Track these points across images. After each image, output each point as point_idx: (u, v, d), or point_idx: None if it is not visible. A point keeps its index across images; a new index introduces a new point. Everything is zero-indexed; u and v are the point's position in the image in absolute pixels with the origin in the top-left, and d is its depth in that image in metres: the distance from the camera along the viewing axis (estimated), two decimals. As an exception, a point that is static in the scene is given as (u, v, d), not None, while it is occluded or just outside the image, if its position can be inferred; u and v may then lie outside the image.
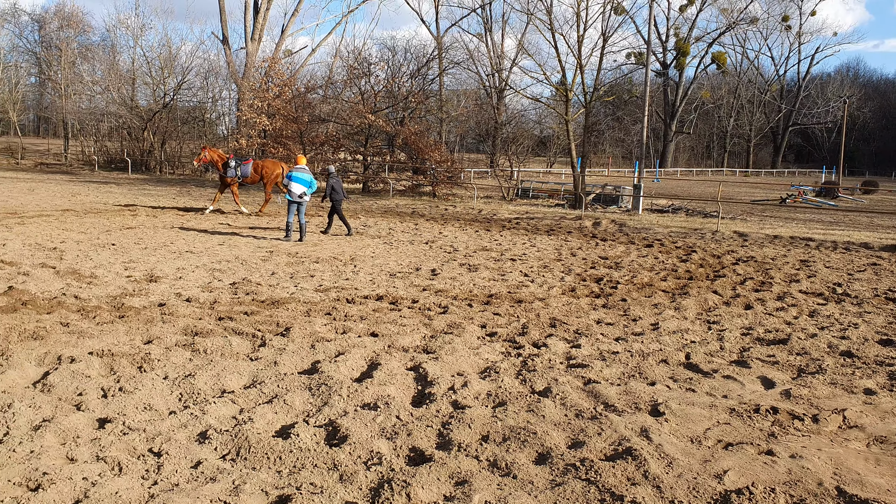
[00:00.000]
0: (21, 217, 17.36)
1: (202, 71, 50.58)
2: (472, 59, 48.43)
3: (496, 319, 8.75)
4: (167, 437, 4.88)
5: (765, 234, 18.84)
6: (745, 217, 24.83)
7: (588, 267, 13.18)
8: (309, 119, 35.83)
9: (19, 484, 4.16)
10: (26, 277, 10.19)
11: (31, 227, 15.58)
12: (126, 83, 49.36)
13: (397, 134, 33.92)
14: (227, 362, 6.52)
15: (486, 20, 52.04)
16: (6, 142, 59.17)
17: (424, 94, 39.63)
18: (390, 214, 22.90)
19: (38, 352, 6.56)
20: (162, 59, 49.19)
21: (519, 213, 24.45)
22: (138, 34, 53.04)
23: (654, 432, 5.13)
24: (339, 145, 35.45)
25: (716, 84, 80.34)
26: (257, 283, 10.57)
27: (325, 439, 4.98)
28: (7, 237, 13.94)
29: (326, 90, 40.23)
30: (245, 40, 47.63)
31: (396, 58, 39.20)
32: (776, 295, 10.73)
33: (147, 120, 45.40)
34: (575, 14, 28.22)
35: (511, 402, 5.74)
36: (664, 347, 7.59)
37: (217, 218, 19.63)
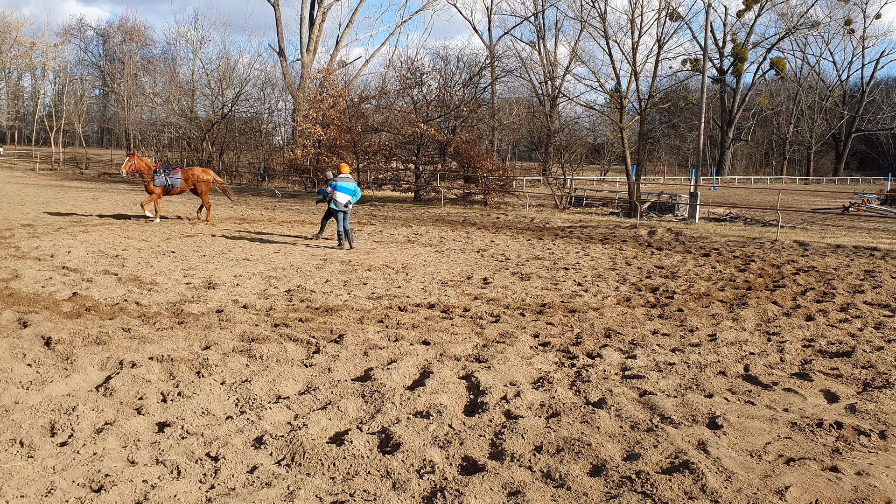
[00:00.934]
0: (85, 225, 17.93)
1: (259, 82, 51.70)
2: (525, 67, 48.34)
3: (549, 329, 8.68)
4: (224, 441, 4.96)
5: (827, 243, 18.31)
6: (806, 226, 24.18)
7: (643, 276, 12.99)
8: (362, 129, 36.25)
9: (83, 485, 4.28)
10: (90, 284, 10.51)
11: (94, 235, 16.08)
12: (186, 95, 50.70)
13: (449, 143, 34.04)
14: (282, 368, 6.60)
15: (539, 28, 51.97)
16: (72, 152, 61.29)
17: (476, 102, 39.71)
18: (442, 223, 22.96)
19: (101, 356, 6.75)
20: (220, 71, 50.41)
21: (572, 221, 24.26)
22: (198, 47, 54.49)
23: (711, 445, 5.01)
24: (392, 154, 35.76)
25: (774, 90, 78.51)
26: (311, 291, 10.70)
27: (378, 446, 5.00)
28: (72, 245, 14.41)
29: (379, 100, 40.63)
30: (301, 52, 48.52)
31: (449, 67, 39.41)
32: (839, 306, 10.40)
33: (206, 131, 46.53)
34: (629, 21, 27.97)
35: (565, 412, 5.68)
36: (722, 359, 7.42)
37: (272, 227, 19.95)
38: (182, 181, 19.75)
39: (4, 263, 11.79)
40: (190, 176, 20.05)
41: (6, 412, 5.27)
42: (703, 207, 28.07)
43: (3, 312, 8.30)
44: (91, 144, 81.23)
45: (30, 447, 4.76)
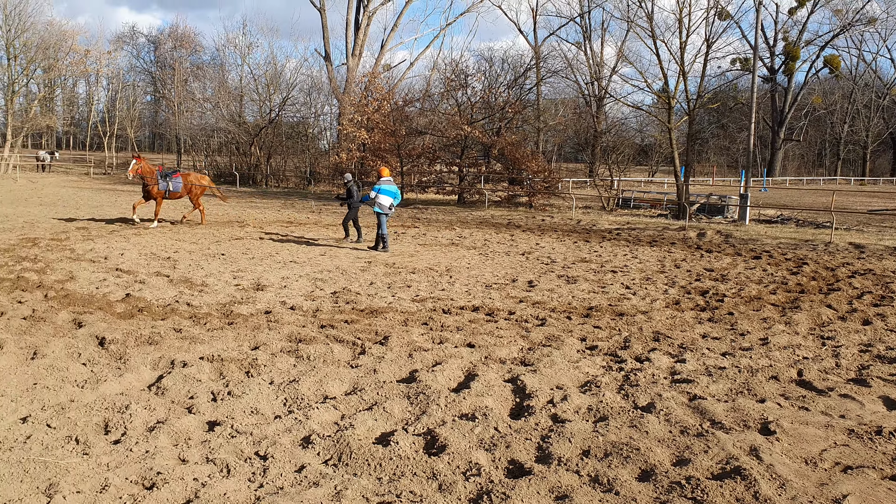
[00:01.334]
0: (138, 228, 18.35)
1: (305, 87, 52.35)
2: (571, 68, 48.06)
3: (596, 332, 8.59)
4: (273, 440, 5.01)
5: (884, 245, 17.77)
6: (862, 228, 23.50)
7: (693, 279, 12.77)
8: (406, 132, 36.40)
9: (135, 482, 4.36)
10: (142, 285, 10.75)
11: (146, 238, 16.44)
12: (234, 100, 51.61)
13: (493, 144, 33.98)
14: (328, 369, 6.65)
15: (585, 28, 51.60)
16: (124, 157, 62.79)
17: (521, 103, 39.57)
18: (486, 225, 22.92)
19: (153, 356, 6.89)
20: (268, 77, 51.18)
21: (619, 223, 24.00)
22: (246, 53, 55.45)
23: (764, 452, 4.89)
24: (435, 157, 35.86)
25: (828, 89, 76.53)
26: (356, 293, 10.77)
27: (424, 448, 5.00)
28: (125, 247, 14.76)
29: (423, 103, 40.78)
30: (346, 56, 48.96)
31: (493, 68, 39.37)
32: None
33: (254, 135, 47.28)
34: (677, 20, 27.57)
35: (613, 416, 5.60)
36: (774, 363, 7.24)
37: (318, 230, 20.16)
38: (182, 186, 19.67)
39: (60, 265, 12.13)
40: (189, 181, 20.09)
41: (62, 410, 5.42)
42: (753, 209, 27.51)
43: (59, 313, 8.53)
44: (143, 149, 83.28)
45: (85, 444, 4.88)
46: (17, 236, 15.77)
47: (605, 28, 53.65)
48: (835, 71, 68.40)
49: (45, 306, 8.94)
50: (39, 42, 49.96)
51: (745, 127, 41.59)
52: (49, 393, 5.74)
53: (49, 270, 11.57)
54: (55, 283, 10.59)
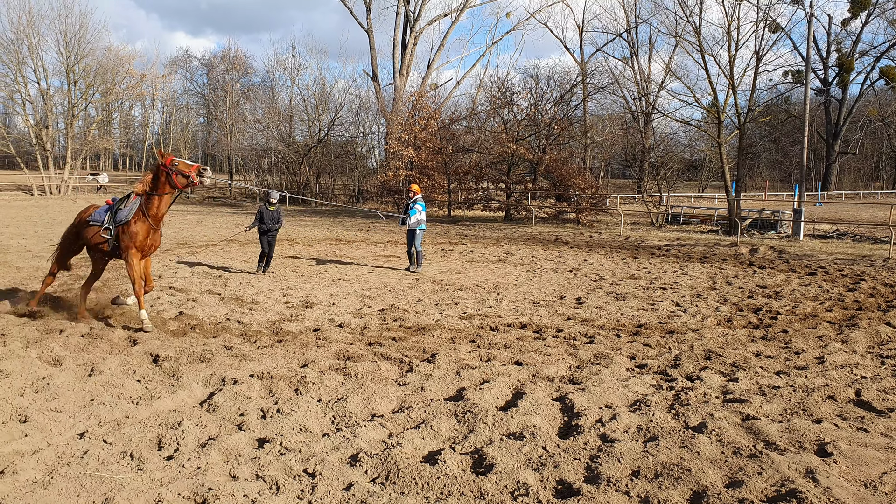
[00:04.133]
0: (191, 247, 18.76)
1: (353, 107, 52.96)
2: (618, 84, 47.77)
3: (646, 350, 8.47)
4: (321, 458, 5.05)
5: (946, 260, 17.17)
6: (923, 242, 22.73)
7: (745, 296, 12.51)
8: (453, 150, 36.57)
9: (187, 497, 4.43)
10: (194, 303, 10.97)
11: (199, 256, 16.79)
12: (284, 120, 52.52)
13: (540, 161, 33.93)
14: (376, 387, 6.68)
15: (632, 44, 51.31)
16: (179, 178, 64.21)
17: (568, 120, 39.44)
18: (533, 242, 22.83)
19: (205, 373, 7.02)
20: (317, 97, 51.99)
21: (669, 239, 23.67)
22: (295, 74, 56.48)
23: (821, 474, 4.75)
24: (482, 174, 35.94)
25: (884, 101, 74.42)
26: (404, 310, 10.82)
27: (472, 467, 4.98)
28: (178, 266, 15.09)
29: (470, 121, 40.94)
30: (393, 76, 49.51)
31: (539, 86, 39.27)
32: (962, 328, 9.71)
33: (303, 155, 48.05)
34: (725, 34, 27.24)
35: (663, 436, 5.51)
36: (831, 383, 7.03)
37: (366, 248, 20.33)
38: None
39: (116, 284, 12.45)
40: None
41: (118, 426, 5.55)
42: (807, 224, 26.88)
43: (115, 331, 8.75)
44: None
45: (139, 460, 4.98)
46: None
47: (652, 43, 53.28)
48: (891, 82, 66.50)
49: (101, 324, 9.18)
50: (98, 67, 51.69)
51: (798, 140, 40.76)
52: (105, 409, 5.89)
53: (106, 289, 11.89)
54: (111, 301, 10.86)
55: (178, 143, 71.86)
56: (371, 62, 49.98)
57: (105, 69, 52.94)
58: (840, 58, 63.36)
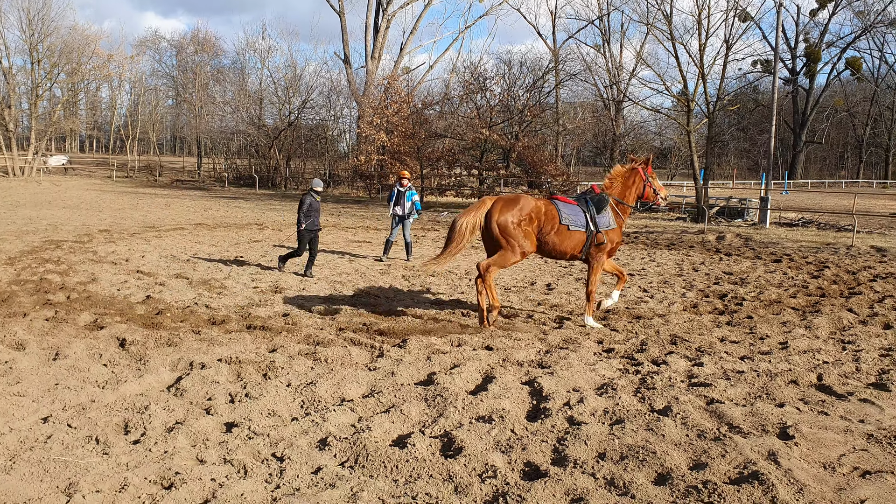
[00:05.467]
0: (158, 230, 18.54)
1: (325, 90, 52.57)
2: (590, 71, 47.93)
3: (613, 335, 8.57)
4: (290, 442, 5.05)
5: (907, 249, 17.55)
6: (884, 231, 23.22)
7: (711, 283, 12.69)
8: (425, 135, 36.47)
9: (154, 482, 4.41)
10: (162, 287, 10.86)
11: (167, 240, 16.61)
12: (254, 103, 51.96)
13: (512, 148, 33.98)
14: (346, 371, 6.69)
15: (604, 32, 51.41)
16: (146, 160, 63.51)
17: (540, 107, 39.51)
18: (505, 228, 22.87)
19: (172, 357, 6.96)
20: (287, 80, 51.49)
21: (638, 226, 23.89)
22: (265, 56, 55.75)
23: (782, 456, 4.85)
24: (455, 160, 35.91)
25: (850, 91, 75.66)
26: (375, 296, 10.81)
27: (441, 450, 5.01)
28: (146, 249, 14.91)
29: (443, 106, 40.84)
30: (365, 59, 49.14)
31: (512, 72, 39.29)
32: (921, 314, 9.96)
33: (273, 138, 47.60)
34: (696, 22, 27.43)
35: (629, 419, 5.59)
36: (794, 367, 7.18)
37: (337, 233, 20.24)
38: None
39: (82, 267, 12.28)
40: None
41: (83, 410, 5.49)
42: (773, 212, 27.28)
43: (81, 314, 8.64)
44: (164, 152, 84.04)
45: (105, 444, 4.94)
46: (41, 239, 15.98)
47: (623, 31, 53.43)
48: (857, 73, 67.66)
49: (67, 308, 9.06)
50: (63, 46, 50.62)
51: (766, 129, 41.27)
52: (70, 393, 5.82)
53: (72, 272, 11.72)
54: (77, 284, 10.72)
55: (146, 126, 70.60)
56: (343, 45, 49.57)
57: (70, 48, 51.87)
58: (808, 48, 64.21)
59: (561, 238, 8.78)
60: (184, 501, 4.19)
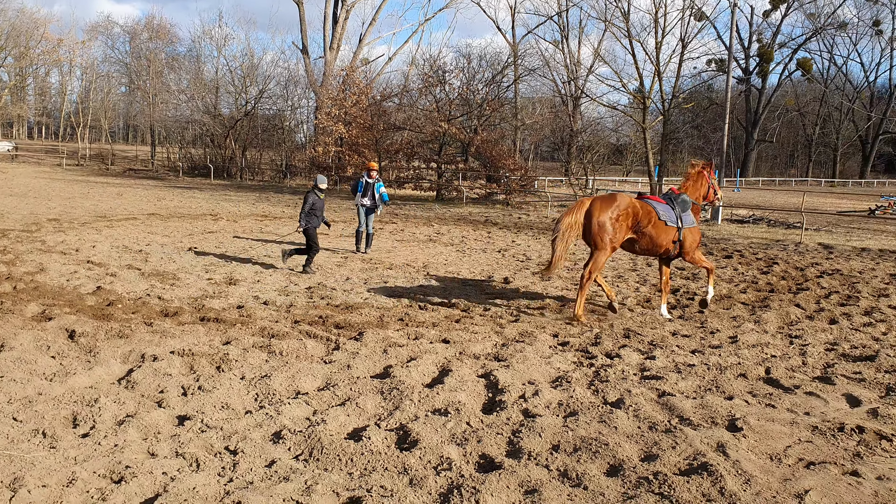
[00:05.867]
0: (110, 220, 18.15)
1: (282, 80, 51.98)
2: (548, 67, 48.18)
3: (569, 329, 8.66)
4: (243, 435, 5.00)
5: (852, 246, 18.08)
6: (831, 229, 23.87)
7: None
8: (384, 127, 36.31)
9: (103, 476, 4.33)
10: (114, 278, 10.64)
11: (119, 230, 16.27)
12: (210, 92, 51.12)
13: (471, 142, 34.01)
14: (301, 364, 6.64)
15: (563, 27, 51.72)
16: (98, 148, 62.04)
17: (499, 101, 39.61)
18: (463, 222, 22.96)
19: (124, 350, 6.83)
20: (244, 69, 50.77)
21: (593, 221, 24.12)
22: (222, 45, 54.95)
23: (731, 448, 4.97)
24: (413, 153, 35.81)
25: (801, 91, 77.58)
26: (332, 288, 10.75)
27: (396, 443, 5.02)
28: (97, 239, 14.59)
29: (402, 98, 40.70)
30: (324, 49, 48.72)
31: (472, 65, 39.26)
32: (863, 310, 10.27)
33: (229, 128, 46.90)
34: (653, 20, 27.78)
35: (583, 412, 5.66)
36: (743, 361, 7.35)
37: (294, 225, 20.07)
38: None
39: (30, 257, 11.97)
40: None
41: (30, 403, 5.36)
42: (726, 209, 27.83)
43: (28, 305, 8.43)
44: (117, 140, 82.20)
45: (52, 438, 4.83)
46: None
47: (582, 27, 54.00)
48: (807, 74, 69.44)
49: (13, 298, 8.82)
50: (10, 29, 49.14)
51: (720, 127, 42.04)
52: (16, 386, 5.67)
53: (19, 262, 11.42)
54: (25, 274, 10.45)
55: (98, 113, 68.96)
56: (301, 35, 49.07)
57: (18, 31, 50.43)
58: (761, 48, 65.63)
59: (657, 232, 9.36)
60: (134, 496, 4.12)
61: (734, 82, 59.00)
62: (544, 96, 54.92)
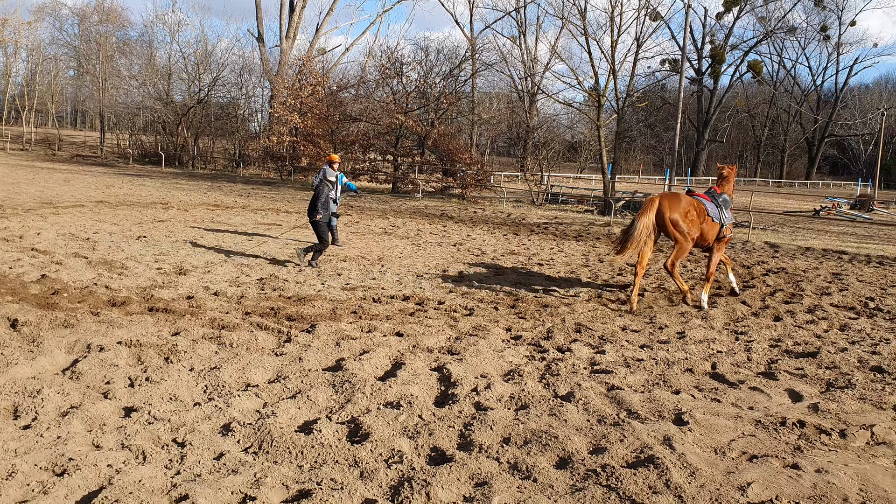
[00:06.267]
0: (56, 207, 17.67)
1: (237, 68, 51.21)
2: (506, 62, 48.41)
3: (521, 323, 8.73)
4: (191, 428, 4.93)
5: (797, 245, 18.58)
6: (777, 228, 24.49)
7: (615, 273, 13.09)
8: (340, 117, 36.03)
9: (45, 468, 4.23)
10: (59, 266, 10.37)
11: (65, 218, 15.85)
12: (162, 78, 50.06)
13: (428, 135, 33.98)
14: (252, 357, 6.57)
15: (520, 23, 52.01)
16: (44, 133, 60.32)
17: (456, 95, 39.63)
18: (419, 216, 22.94)
19: (69, 339, 6.67)
20: (198, 56, 49.84)
21: (548, 217, 24.37)
22: (175, 30, 53.79)
23: (677, 441, 5.07)
24: (369, 145, 35.62)
25: (751, 93, 79.32)
26: (284, 280, 10.65)
27: (347, 436, 5.00)
28: (42, 226, 14.19)
29: (358, 89, 40.42)
30: (280, 38, 48.12)
31: (429, 59, 39.20)
32: (806, 307, 10.56)
33: (181, 115, 46.01)
34: (609, 19, 28.08)
35: (534, 405, 5.72)
36: (690, 356, 7.51)
37: (246, 214, 19.81)
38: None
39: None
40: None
41: (-31, 394, 5.20)
42: (677, 207, 28.26)
43: (-32, 293, 8.16)
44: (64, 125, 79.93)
45: (-8, 430, 4.70)
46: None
47: (539, 24, 54.30)
48: (757, 76, 70.97)
49: None
50: (-49, 8, 47.37)
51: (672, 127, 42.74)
52: (-46, 376, 5.50)
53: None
54: (-36, 262, 10.12)
55: (44, 97, 66.94)
56: (257, 22, 48.45)
57: (-41, 10, 48.58)
58: (713, 49, 66.84)
59: (708, 227, 10.43)
60: (77, 488, 4.04)
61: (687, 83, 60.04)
62: (501, 92, 55.19)
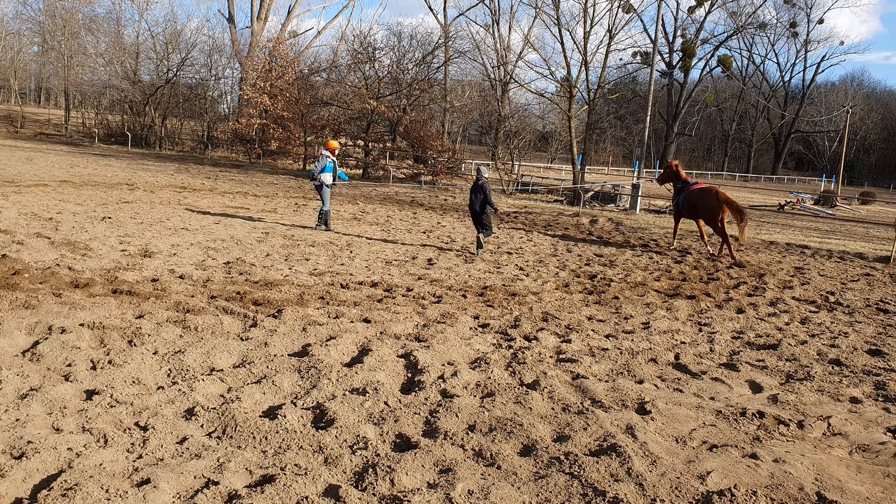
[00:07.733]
0: (18, 186, 17.30)
1: (206, 48, 50.42)
2: (478, 51, 48.26)
3: (489, 311, 8.77)
4: (154, 411, 4.88)
5: (761, 239, 18.87)
6: (743, 222, 24.81)
7: (583, 264, 13.19)
8: (311, 101, 35.72)
9: (3, 452, 4.16)
10: (20, 246, 10.17)
11: (27, 197, 15.54)
12: (130, 57, 49.09)
13: (399, 121, 33.84)
14: (217, 341, 6.52)
15: (494, 12, 51.83)
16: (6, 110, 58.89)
17: (429, 82, 39.48)
18: (389, 202, 22.87)
19: (29, 321, 6.56)
20: (167, 35, 48.99)
21: (518, 207, 24.44)
22: (144, 8, 52.86)
23: (639, 430, 5.15)
24: (340, 130, 35.38)
25: (720, 87, 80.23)
26: (251, 264, 10.56)
27: (312, 422, 4.99)
28: (3, 205, 13.90)
29: (330, 73, 40.07)
30: (251, 19, 47.51)
31: (402, 44, 38.96)
32: (769, 300, 10.75)
33: (149, 95, 45.22)
34: (582, 10, 28.16)
35: (499, 393, 5.76)
36: (654, 347, 7.61)
37: (213, 198, 19.59)
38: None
39: None
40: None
41: (-76, 375, 5.09)
42: (644, 199, 28.57)
43: (-75, 272, 7.98)
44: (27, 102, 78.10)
45: (-51, 411, 4.61)
46: None
47: (513, 13, 54.18)
48: (727, 70, 71.74)
49: None
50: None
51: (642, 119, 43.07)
52: None
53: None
54: (-79, 240, 9.88)
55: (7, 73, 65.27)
56: (228, 3, 47.64)
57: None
58: (684, 43, 67.34)
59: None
60: (35, 472, 3.98)
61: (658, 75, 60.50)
62: (474, 80, 55.00)
